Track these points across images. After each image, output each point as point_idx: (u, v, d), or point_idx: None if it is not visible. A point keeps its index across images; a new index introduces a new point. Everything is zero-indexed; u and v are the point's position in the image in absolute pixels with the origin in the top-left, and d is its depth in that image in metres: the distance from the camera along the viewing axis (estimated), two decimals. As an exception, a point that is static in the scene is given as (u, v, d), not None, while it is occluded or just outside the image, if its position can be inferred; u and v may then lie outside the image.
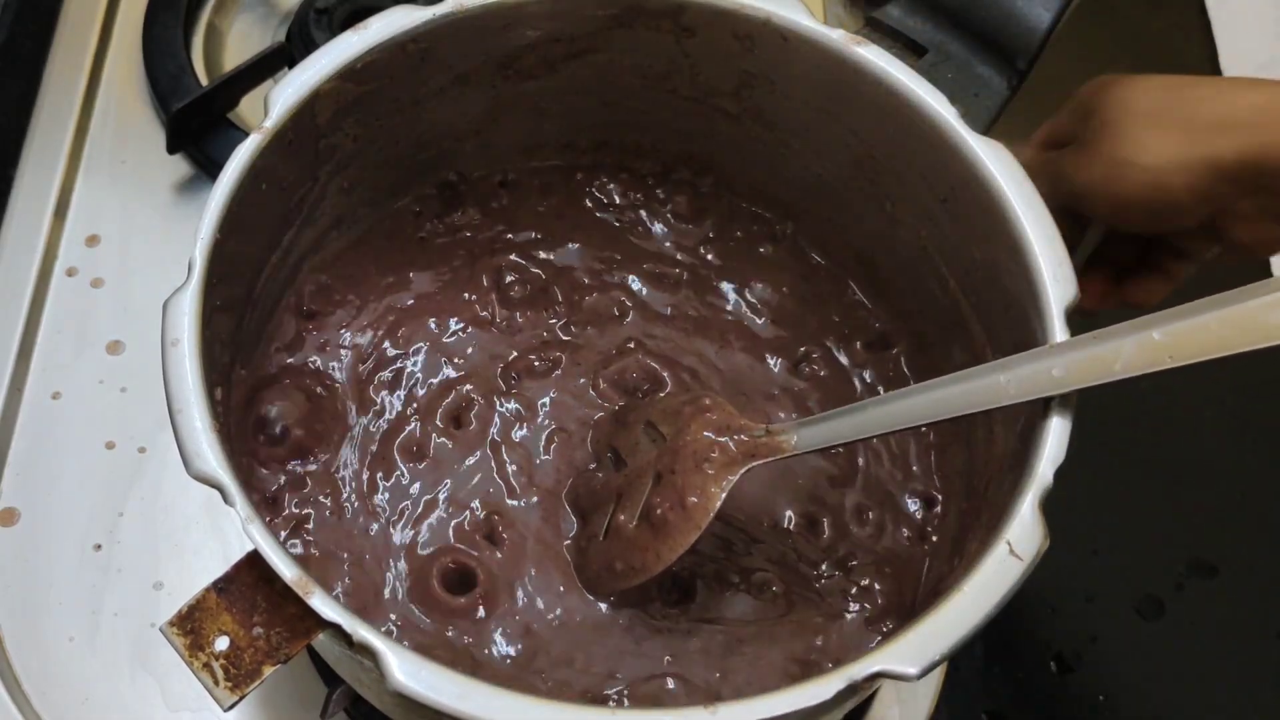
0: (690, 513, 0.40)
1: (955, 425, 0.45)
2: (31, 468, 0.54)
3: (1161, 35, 0.73)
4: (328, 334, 0.47)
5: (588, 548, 0.43)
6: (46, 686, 0.50)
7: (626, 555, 0.41)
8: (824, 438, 0.40)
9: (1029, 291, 0.39)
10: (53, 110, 0.63)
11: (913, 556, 0.45)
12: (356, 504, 0.44)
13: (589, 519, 0.43)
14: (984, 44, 0.44)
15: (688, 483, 0.40)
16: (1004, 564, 0.34)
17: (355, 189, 0.47)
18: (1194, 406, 0.60)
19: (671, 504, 0.40)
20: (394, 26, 0.42)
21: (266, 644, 0.33)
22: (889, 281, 0.48)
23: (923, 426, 0.40)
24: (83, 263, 0.59)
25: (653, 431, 0.43)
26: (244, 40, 0.67)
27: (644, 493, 0.41)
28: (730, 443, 0.41)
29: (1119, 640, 0.54)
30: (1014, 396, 0.36)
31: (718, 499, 0.40)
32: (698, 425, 0.41)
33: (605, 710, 0.32)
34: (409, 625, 0.42)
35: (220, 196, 0.38)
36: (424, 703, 0.31)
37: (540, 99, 0.48)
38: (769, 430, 0.41)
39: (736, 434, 0.41)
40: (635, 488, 0.42)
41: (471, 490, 0.45)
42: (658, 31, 0.45)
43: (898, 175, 0.45)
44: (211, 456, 0.34)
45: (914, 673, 0.32)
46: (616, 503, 0.42)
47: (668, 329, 0.49)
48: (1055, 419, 0.36)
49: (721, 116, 0.48)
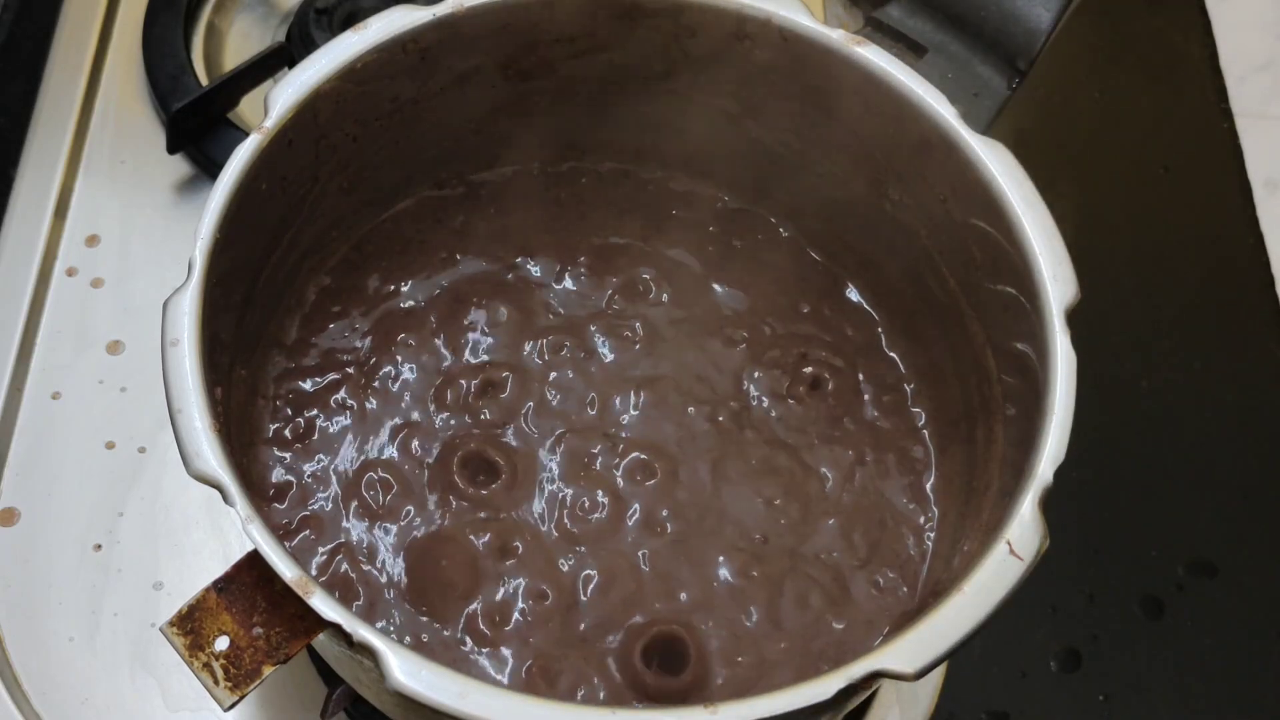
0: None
1: (955, 425, 0.45)
2: (31, 468, 0.54)
3: (1161, 35, 0.73)
4: (328, 335, 0.47)
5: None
6: (46, 686, 0.50)
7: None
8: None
9: (1029, 291, 0.39)
10: (53, 110, 0.63)
11: (912, 556, 0.45)
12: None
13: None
14: (984, 44, 0.44)
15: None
16: (1004, 564, 0.34)
17: (355, 189, 0.47)
18: (1194, 406, 0.60)
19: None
20: (394, 26, 0.42)
21: (266, 644, 0.33)
22: (889, 281, 0.48)
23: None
24: (83, 263, 0.59)
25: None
26: (244, 40, 0.67)
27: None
28: None
29: (1119, 640, 0.54)
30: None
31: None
32: None
33: (605, 710, 0.32)
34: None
35: (220, 196, 0.38)
36: (424, 703, 0.31)
37: (540, 99, 0.48)
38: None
39: None
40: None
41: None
42: (658, 31, 0.45)
43: (898, 175, 0.45)
44: (211, 456, 0.34)
45: (913, 672, 0.32)
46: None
47: (667, 329, 0.49)
48: (1055, 419, 0.36)
49: (721, 116, 0.48)
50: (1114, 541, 0.56)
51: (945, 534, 0.45)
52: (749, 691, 0.33)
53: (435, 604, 0.42)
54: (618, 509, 0.44)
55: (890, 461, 0.46)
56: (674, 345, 0.48)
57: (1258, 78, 0.93)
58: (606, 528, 0.44)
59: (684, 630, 0.41)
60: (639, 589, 0.43)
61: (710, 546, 0.44)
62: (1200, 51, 0.71)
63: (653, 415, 0.46)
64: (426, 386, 0.47)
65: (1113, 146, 0.69)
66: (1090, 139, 0.69)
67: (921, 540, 0.45)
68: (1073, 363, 0.37)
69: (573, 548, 0.43)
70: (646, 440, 0.46)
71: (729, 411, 0.47)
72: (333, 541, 0.43)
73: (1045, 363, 0.38)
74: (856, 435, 0.47)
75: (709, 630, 0.42)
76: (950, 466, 0.46)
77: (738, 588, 0.43)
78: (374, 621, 0.41)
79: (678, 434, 0.46)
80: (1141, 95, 0.71)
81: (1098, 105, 0.70)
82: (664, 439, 0.46)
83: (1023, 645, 0.53)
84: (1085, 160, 0.68)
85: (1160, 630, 0.54)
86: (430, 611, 0.42)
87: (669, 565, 0.43)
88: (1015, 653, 0.53)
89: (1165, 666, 0.53)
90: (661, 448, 0.46)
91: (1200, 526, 0.57)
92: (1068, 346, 0.37)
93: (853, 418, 0.47)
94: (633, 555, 0.43)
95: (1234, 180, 0.67)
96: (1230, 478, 0.59)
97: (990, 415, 0.42)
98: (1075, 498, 0.55)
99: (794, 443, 0.46)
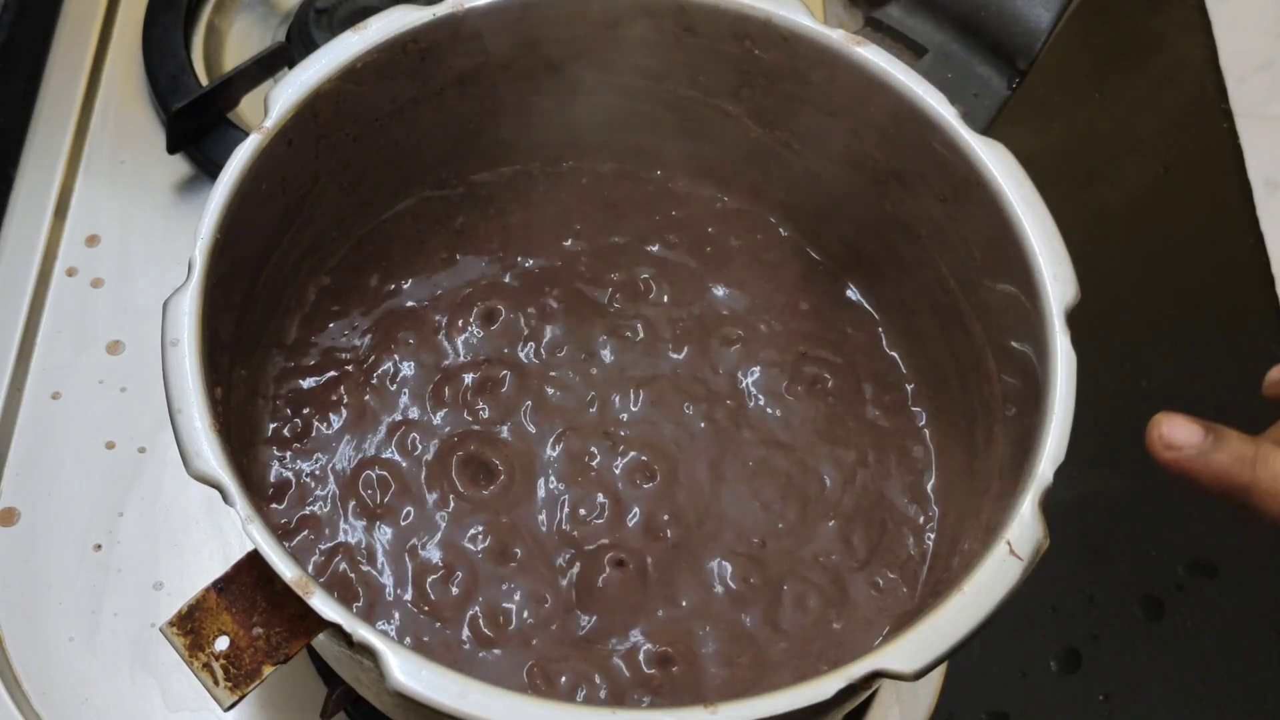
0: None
1: (955, 425, 0.45)
2: (31, 468, 0.54)
3: (1161, 35, 0.73)
4: (328, 335, 0.47)
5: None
6: (46, 686, 0.50)
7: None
8: None
9: (1029, 291, 0.39)
10: (53, 110, 0.63)
11: (912, 557, 0.45)
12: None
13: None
14: (984, 44, 0.44)
15: None
16: (1004, 564, 0.34)
17: (355, 189, 0.47)
18: (1194, 407, 0.60)
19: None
20: (394, 26, 0.42)
21: (266, 644, 0.33)
22: (889, 281, 0.48)
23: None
24: (83, 263, 0.59)
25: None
26: (244, 40, 0.67)
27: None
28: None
29: (1119, 640, 0.54)
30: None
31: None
32: None
33: (605, 710, 0.32)
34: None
35: (220, 196, 0.38)
36: (424, 703, 0.31)
37: (541, 99, 0.48)
38: None
39: None
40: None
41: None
42: (658, 31, 0.45)
43: (898, 175, 0.45)
44: (211, 456, 0.34)
45: (912, 672, 0.32)
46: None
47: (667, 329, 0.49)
48: (1055, 419, 0.36)
49: (721, 116, 0.48)
50: (1114, 541, 0.56)
51: (945, 534, 0.45)
52: (749, 692, 0.33)
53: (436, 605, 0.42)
54: (617, 511, 0.44)
55: (890, 461, 0.46)
56: (673, 345, 0.48)
57: (1258, 78, 0.93)
58: (606, 529, 0.44)
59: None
60: (639, 590, 0.43)
61: (709, 549, 0.44)
62: (1200, 51, 0.71)
63: (652, 415, 0.46)
64: (425, 384, 0.47)
65: (1113, 146, 0.69)
66: (1090, 139, 0.69)
67: (921, 540, 0.45)
68: (1073, 363, 0.37)
69: (573, 548, 0.43)
70: (645, 439, 0.46)
71: (727, 411, 0.47)
72: (332, 541, 0.43)
73: (1045, 363, 0.38)
74: (856, 435, 0.47)
75: (706, 634, 0.42)
76: (950, 466, 0.46)
77: (736, 590, 0.43)
78: (374, 621, 0.41)
79: (677, 434, 0.46)
80: (1141, 95, 0.71)
81: (1098, 105, 0.70)
82: (663, 439, 0.46)
83: (1023, 645, 0.53)
84: (1085, 160, 0.68)
85: (1160, 630, 0.54)
86: (431, 612, 0.42)
87: (669, 567, 0.43)
88: (1015, 653, 0.53)
89: (1165, 666, 0.53)
90: (661, 448, 0.45)
91: (1200, 526, 0.57)
92: (1068, 346, 0.37)
93: (852, 417, 0.47)
94: (633, 556, 0.43)
95: (1234, 180, 0.67)
96: (1230, 478, 0.59)
97: (990, 415, 0.42)
98: (1075, 498, 0.55)
99: (793, 443, 0.46)
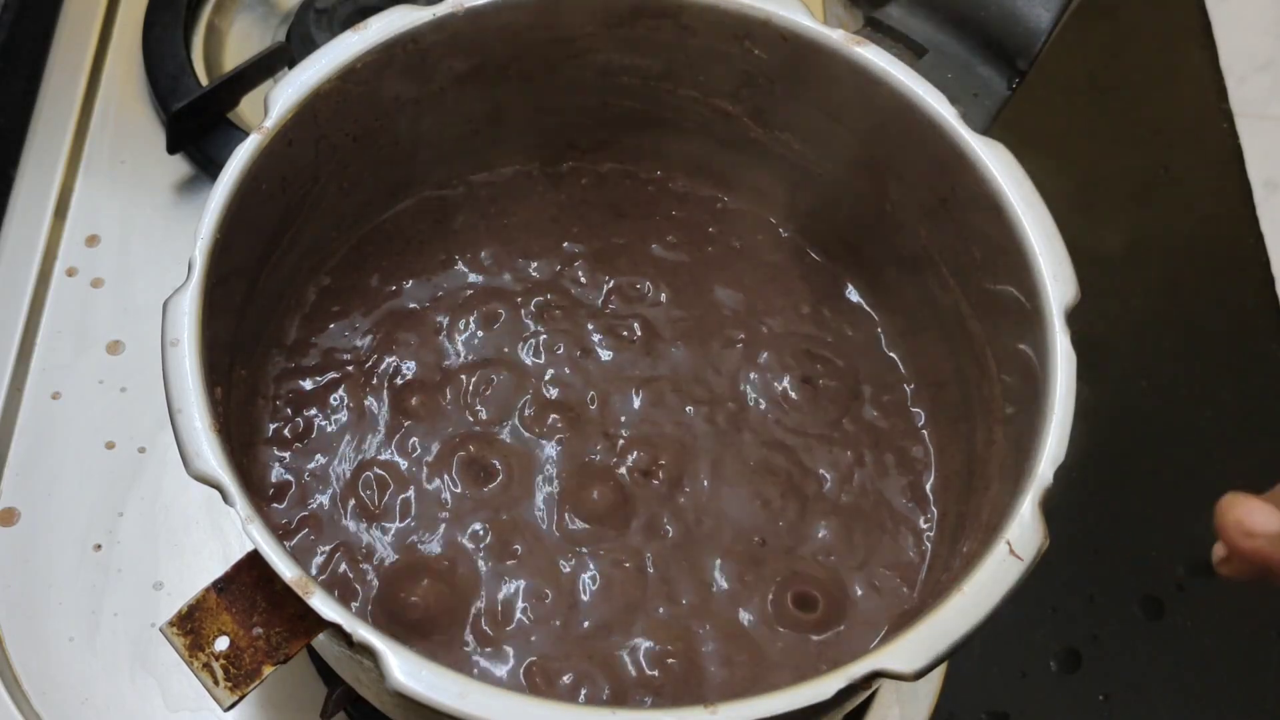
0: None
1: (955, 425, 0.45)
2: (31, 468, 0.54)
3: (1161, 35, 0.73)
4: (328, 335, 0.47)
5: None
6: (46, 686, 0.50)
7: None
8: None
9: (1029, 291, 0.39)
10: (53, 110, 0.63)
11: (911, 557, 0.45)
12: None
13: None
14: (984, 44, 0.44)
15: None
16: (1004, 564, 0.34)
17: (355, 189, 0.47)
18: (1194, 406, 0.60)
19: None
20: (394, 26, 0.42)
21: (266, 644, 0.33)
22: (889, 281, 0.48)
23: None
24: (83, 263, 0.59)
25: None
26: (244, 40, 0.67)
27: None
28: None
29: (1119, 640, 0.54)
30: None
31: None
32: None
33: (605, 710, 0.32)
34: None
35: (220, 196, 0.38)
36: (424, 703, 0.31)
37: (541, 99, 0.48)
38: None
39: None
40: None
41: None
42: (658, 31, 0.45)
43: (898, 175, 0.45)
44: (211, 456, 0.34)
45: (912, 672, 0.32)
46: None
47: (666, 329, 0.49)
48: (1055, 419, 0.36)
49: (721, 117, 0.48)
50: (1114, 541, 0.56)
51: (945, 534, 0.45)
52: (748, 691, 0.33)
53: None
54: (617, 510, 0.44)
55: (890, 462, 0.46)
56: (673, 345, 0.48)
57: (1258, 78, 0.94)
58: (605, 530, 0.44)
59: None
60: (640, 590, 0.43)
61: (709, 548, 0.44)
62: (1200, 51, 0.71)
63: (652, 415, 0.46)
64: (425, 385, 0.47)
65: (1113, 146, 0.69)
66: (1090, 139, 0.69)
67: (921, 541, 0.45)
68: (1073, 363, 0.37)
69: (572, 549, 0.43)
70: (646, 439, 0.46)
71: (727, 412, 0.47)
72: (332, 541, 0.43)
73: (1045, 363, 0.38)
74: (856, 435, 0.47)
75: (705, 632, 0.42)
76: (950, 466, 0.46)
77: (736, 589, 0.43)
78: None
79: (677, 433, 0.46)
80: (1141, 95, 0.71)
81: (1098, 105, 0.70)
82: (664, 438, 0.46)
83: (1023, 645, 0.53)
84: (1085, 160, 0.68)
85: (1160, 630, 0.54)
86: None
87: (669, 567, 0.43)
88: (1015, 653, 0.53)
89: (1165, 666, 0.53)
90: (661, 447, 0.45)
91: (1200, 526, 0.57)
92: (1068, 346, 0.37)
93: (852, 418, 0.47)
94: (634, 558, 0.43)
95: (1234, 180, 0.67)
96: (1230, 478, 0.58)
97: (990, 415, 0.42)
98: (1075, 498, 0.55)
99: (793, 443, 0.46)
